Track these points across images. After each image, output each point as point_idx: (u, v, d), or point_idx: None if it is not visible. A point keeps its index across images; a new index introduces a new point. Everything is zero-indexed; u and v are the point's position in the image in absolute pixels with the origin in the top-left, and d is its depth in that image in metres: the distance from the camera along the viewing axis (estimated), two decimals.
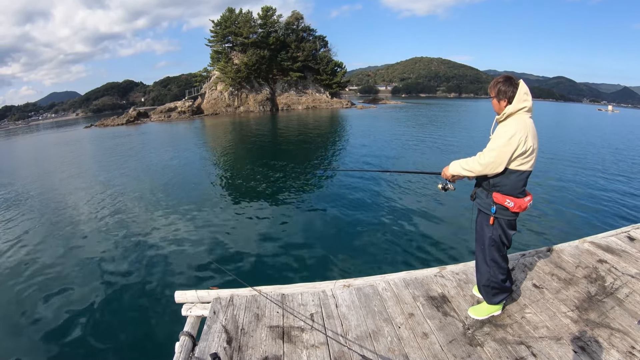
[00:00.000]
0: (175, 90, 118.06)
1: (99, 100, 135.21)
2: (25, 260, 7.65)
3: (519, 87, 2.54)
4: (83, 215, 10.26)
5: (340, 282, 3.51)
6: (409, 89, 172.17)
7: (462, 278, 3.56)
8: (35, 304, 5.97)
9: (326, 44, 61.14)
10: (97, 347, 4.88)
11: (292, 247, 7.55)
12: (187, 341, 2.74)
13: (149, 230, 8.77)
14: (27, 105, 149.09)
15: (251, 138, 26.72)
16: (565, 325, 2.83)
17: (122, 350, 4.82)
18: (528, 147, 2.49)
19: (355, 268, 6.49)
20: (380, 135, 25.03)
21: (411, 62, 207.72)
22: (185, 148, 22.77)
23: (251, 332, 2.86)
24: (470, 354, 2.60)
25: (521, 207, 2.62)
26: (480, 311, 2.98)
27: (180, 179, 14.13)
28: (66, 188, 13.95)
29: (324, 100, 58.64)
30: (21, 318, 5.66)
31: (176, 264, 7.01)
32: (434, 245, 7.40)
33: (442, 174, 2.94)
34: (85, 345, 4.92)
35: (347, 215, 9.29)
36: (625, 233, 4.42)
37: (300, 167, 15.50)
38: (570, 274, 3.55)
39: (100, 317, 5.52)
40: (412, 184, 12.02)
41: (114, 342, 4.97)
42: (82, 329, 5.26)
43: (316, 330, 2.86)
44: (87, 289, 6.28)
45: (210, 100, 54.27)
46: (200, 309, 3.25)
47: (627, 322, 2.84)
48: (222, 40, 54.96)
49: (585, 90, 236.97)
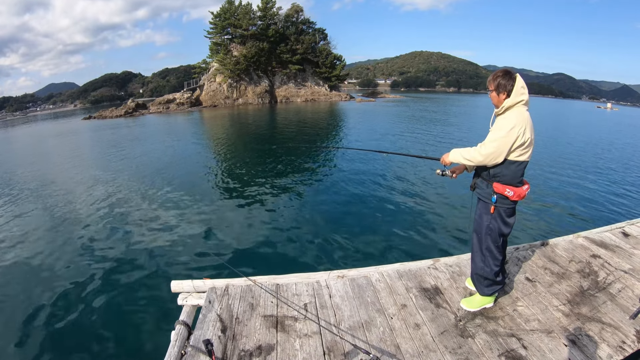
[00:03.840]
0: (174, 82, 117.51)
1: (97, 91, 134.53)
2: (21, 248, 7.65)
3: (516, 80, 2.58)
4: (80, 205, 10.23)
5: (335, 273, 3.53)
6: (408, 83, 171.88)
7: (455, 270, 3.59)
8: (29, 292, 5.98)
9: (326, 36, 60.82)
10: (93, 335, 4.90)
11: (287, 238, 7.57)
12: (182, 330, 2.75)
13: (146, 220, 8.77)
14: (25, 96, 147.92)
15: (249, 130, 26.64)
16: (556, 319, 2.86)
17: (118, 338, 4.84)
18: (526, 139, 2.55)
19: (350, 259, 6.53)
20: (381, 129, 24.96)
21: (411, 56, 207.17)
22: (183, 140, 22.68)
23: (245, 321, 2.88)
24: (461, 345, 2.62)
25: (520, 195, 2.68)
26: (473, 303, 3.01)
27: (177, 171, 14.09)
28: (64, 179, 13.89)
29: (322, 93, 58.41)
30: (15, 305, 5.67)
31: (172, 254, 7.02)
32: (428, 238, 7.44)
33: (441, 160, 2.99)
34: (80, 334, 4.94)
35: (343, 207, 9.31)
36: (620, 229, 4.45)
37: (297, 160, 15.48)
38: (564, 268, 3.58)
39: (97, 305, 5.53)
40: (410, 176, 12.05)
41: (110, 330, 4.99)
42: (78, 318, 5.27)
43: (309, 319, 2.88)
44: (83, 278, 6.29)
45: (209, 92, 53.94)
46: (195, 299, 3.26)
47: (619, 317, 2.87)
48: (222, 32, 54.50)
49: (585, 88, 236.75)
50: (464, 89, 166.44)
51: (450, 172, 3.05)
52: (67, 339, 4.89)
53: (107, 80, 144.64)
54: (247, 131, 25.98)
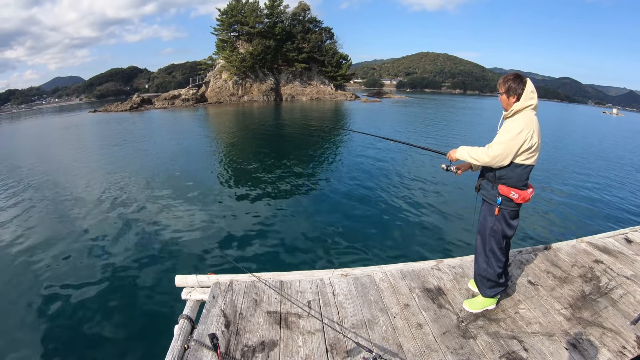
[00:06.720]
0: (179, 78, 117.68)
1: (103, 85, 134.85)
2: (27, 241, 7.71)
3: (526, 85, 2.59)
4: (84, 200, 10.30)
5: (338, 271, 3.56)
6: (414, 83, 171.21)
7: (458, 272, 3.61)
8: (35, 285, 6.03)
9: (332, 35, 60.81)
10: (97, 328, 4.95)
11: (291, 235, 7.60)
12: (186, 324, 2.77)
13: (152, 215, 8.83)
14: (30, 89, 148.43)
15: (254, 127, 26.67)
16: (558, 322, 2.87)
17: (122, 331, 4.89)
18: (534, 143, 2.56)
19: (354, 258, 6.55)
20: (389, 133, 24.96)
21: (417, 57, 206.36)
22: (188, 135, 22.79)
23: (249, 316, 2.90)
24: (463, 345, 2.64)
25: (525, 198, 2.70)
26: (475, 304, 3.03)
27: (183, 166, 14.15)
28: (70, 172, 13.98)
29: (328, 92, 58.42)
30: (19, 298, 5.72)
31: (177, 249, 7.07)
32: (432, 239, 7.46)
33: (447, 155, 2.99)
34: (85, 326, 4.99)
35: (348, 206, 9.34)
36: (623, 235, 4.45)
37: (303, 157, 15.50)
38: (566, 273, 3.59)
39: (101, 299, 5.58)
40: (415, 176, 12.06)
41: (114, 323, 5.04)
42: (80, 311, 5.32)
43: (313, 317, 2.91)
44: (88, 272, 6.34)
45: (214, 88, 54.05)
46: (199, 293, 3.29)
47: (620, 322, 2.88)
48: (228, 29, 54.61)
49: (591, 92, 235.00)
50: (470, 91, 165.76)
51: (455, 169, 3.04)
52: (69, 332, 4.93)
53: (113, 75, 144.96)
54: (253, 128, 26.01)
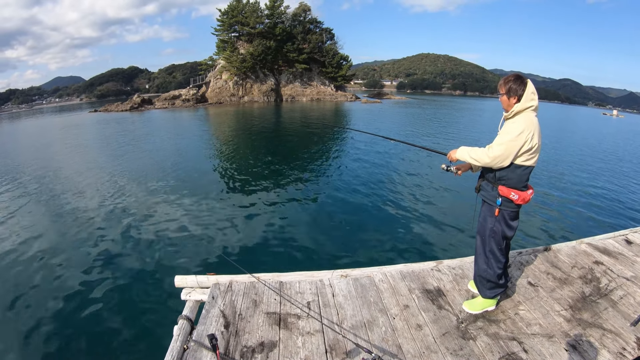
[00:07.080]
0: (179, 78, 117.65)
1: (103, 85, 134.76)
2: (26, 240, 7.71)
3: (527, 86, 2.59)
4: (84, 199, 10.29)
5: (338, 272, 3.55)
6: (415, 85, 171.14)
7: (458, 273, 3.60)
8: (34, 285, 6.03)
9: (333, 36, 60.89)
10: (96, 328, 4.95)
11: (291, 236, 7.60)
12: (185, 325, 2.77)
13: (152, 215, 8.82)
14: (31, 89, 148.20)
15: (254, 128, 26.67)
16: (558, 324, 2.87)
17: (121, 331, 4.88)
18: (534, 144, 2.56)
19: (353, 259, 6.54)
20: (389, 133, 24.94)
21: (418, 58, 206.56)
22: (188, 136, 22.77)
23: (248, 317, 2.90)
24: (462, 347, 2.64)
25: (525, 199, 2.70)
26: (475, 305, 3.03)
27: (183, 166, 14.14)
28: (70, 171, 13.98)
29: (328, 93, 58.46)
30: (18, 298, 5.71)
31: (176, 249, 7.06)
32: (432, 240, 7.45)
33: (447, 156, 2.99)
34: (84, 326, 4.99)
35: (348, 207, 9.34)
36: (623, 236, 4.45)
37: (303, 158, 15.51)
38: (566, 274, 3.58)
39: (101, 299, 5.58)
40: (414, 177, 12.06)
41: (113, 323, 5.03)
42: (80, 311, 5.32)
43: (312, 318, 2.90)
44: (88, 272, 6.34)
45: (214, 89, 54.08)
46: (199, 294, 3.29)
47: (620, 323, 2.88)
48: (229, 30, 54.67)
49: (591, 94, 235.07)
50: (470, 92, 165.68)
51: (455, 169, 3.03)
52: (68, 332, 4.92)
53: (114, 75, 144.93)
54: (253, 129, 26.01)
